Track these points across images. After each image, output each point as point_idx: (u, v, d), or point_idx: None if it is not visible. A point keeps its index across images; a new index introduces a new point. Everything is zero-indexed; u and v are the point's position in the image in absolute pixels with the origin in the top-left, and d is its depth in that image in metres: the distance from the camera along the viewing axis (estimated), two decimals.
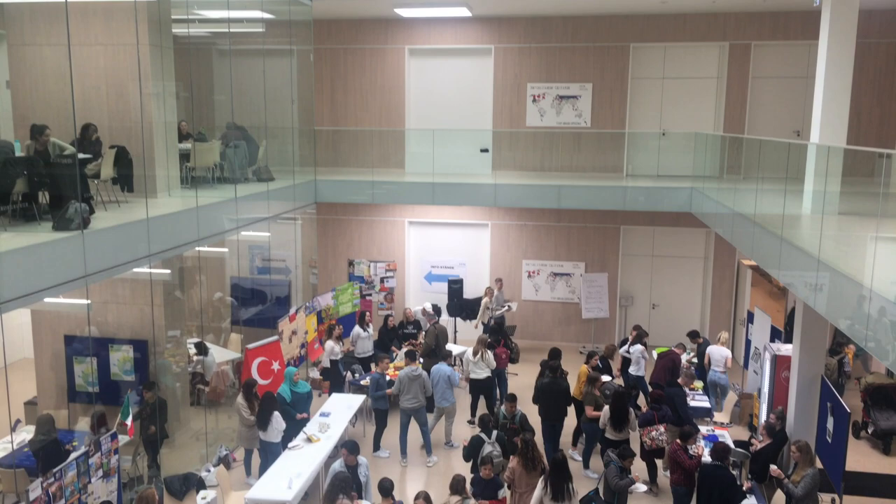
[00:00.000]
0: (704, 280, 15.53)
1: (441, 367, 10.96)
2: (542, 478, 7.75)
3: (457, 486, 7.27)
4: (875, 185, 6.54)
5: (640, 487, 7.90)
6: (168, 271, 10.78)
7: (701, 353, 12.00)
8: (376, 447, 10.95)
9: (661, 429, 9.29)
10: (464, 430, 11.49)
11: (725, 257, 15.16)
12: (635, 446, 9.68)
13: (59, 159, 7.73)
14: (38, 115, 8.36)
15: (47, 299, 7.16)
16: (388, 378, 12.11)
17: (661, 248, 15.60)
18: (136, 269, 8.71)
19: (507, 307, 14.80)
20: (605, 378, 10.78)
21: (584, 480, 10.07)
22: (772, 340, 10.81)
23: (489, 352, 11.59)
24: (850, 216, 8.06)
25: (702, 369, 11.98)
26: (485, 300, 14.35)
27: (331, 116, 16.02)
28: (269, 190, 11.56)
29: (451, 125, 15.33)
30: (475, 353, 11.54)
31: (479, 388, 11.70)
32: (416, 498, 7.13)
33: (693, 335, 12.37)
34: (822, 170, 8.07)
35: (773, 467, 8.16)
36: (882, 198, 6.04)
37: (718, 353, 11.74)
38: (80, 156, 7.90)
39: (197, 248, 10.47)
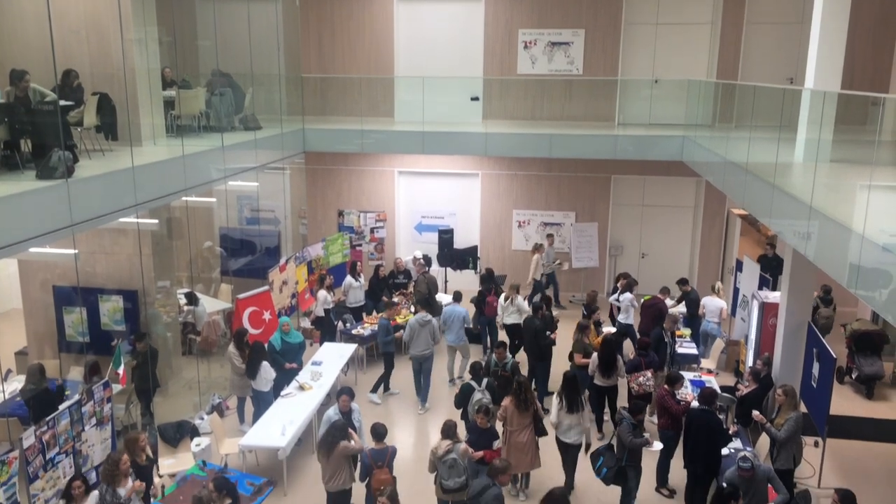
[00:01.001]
0: (694, 229, 15.57)
1: (455, 308, 11.23)
2: (556, 394, 8.49)
3: (447, 430, 7.36)
4: (867, 132, 6.52)
5: (657, 445, 8.02)
6: (156, 221, 10.67)
7: (690, 301, 12.09)
8: (386, 388, 11.24)
9: (648, 374, 9.42)
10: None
11: (715, 206, 15.17)
12: (623, 392, 9.86)
13: (41, 106, 7.55)
14: (17, 61, 8.11)
15: (34, 249, 7.09)
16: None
17: (651, 198, 15.58)
18: (123, 219, 8.63)
19: (557, 262, 14.65)
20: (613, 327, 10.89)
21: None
22: (759, 288, 10.90)
23: (519, 296, 11.83)
24: (842, 163, 8.04)
25: (690, 318, 12.10)
26: (535, 257, 14.24)
27: (318, 63, 15.70)
28: (257, 139, 11.39)
29: (440, 73, 15.06)
30: (506, 299, 11.80)
31: (511, 333, 11.83)
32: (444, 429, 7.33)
33: (682, 282, 12.45)
34: (815, 117, 8.00)
35: (755, 413, 8.30)
36: (876, 145, 5.99)
37: (713, 303, 11.84)
38: (62, 103, 7.72)
39: (184, 198, 10.37)
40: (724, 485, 6.77)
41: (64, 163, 6.84)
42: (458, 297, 11.50)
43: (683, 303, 12.38)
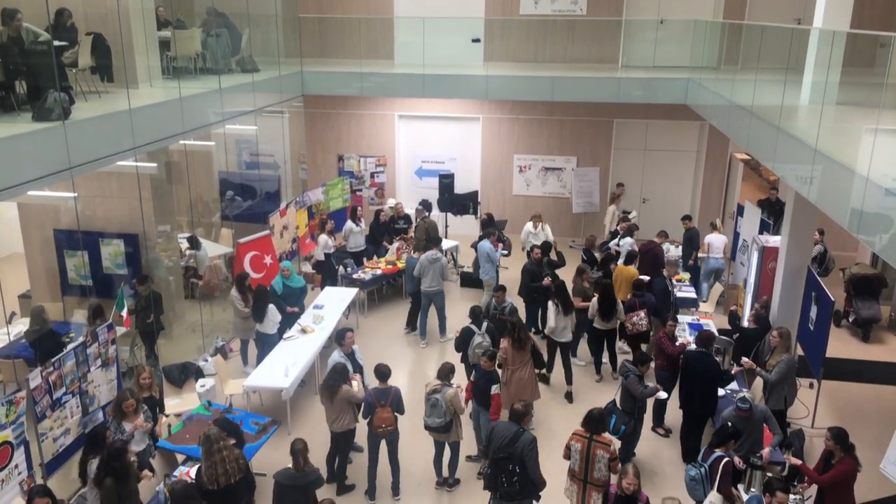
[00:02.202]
0: (696, 174, 15.48)
1: (484, 244, 11.53)
2: (594, 299, 9.69)
3: (441, 372, 7.48)
4: (874, 75, 6.41)
5: (662, 395, 8.13)
6: (154, 165, 10.61)
7: (689, 238, 12.12)
8: (412, 327, 11.60)
9: (642, 314, 9.56)
10: None
11: (718, 151, 15.05)
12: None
13: (34, 46, 7.40)
14: None
15: (32, 192, 7.06)
16: (380, 272, 12.35)
17: (653, 142, 15.44)
18: (121, 163, 8.57)
19: (632, 212, 14.44)
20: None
21: (573, 368, 10.38)
22: (760, 233, 10.89)
23: (547, 225, 12.15)
24: (848, 106, 7.93)
25: (687, 257, 12.17)
26: (611, 207, 14.08)
27: (316, 3, 15.36)
28: (254, 81, 11.21)
29: (441, 13, 14.72)
30: (535, 226, 12.29)
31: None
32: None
33: (686, 218, 12.48)
34: (822, 58, 7.86)
35: (744, 360, 8.38)
36: (884, 88, 5.90)
37: (718, 240, 12.02)
38: (56, 43, 7.56)
39: (182, 142, 10.28)
40: (729, 423, 6.87)
41: (60, 104, 6.75)
42: (487, 233, 11.86)
43: (680, 246, 12.47)
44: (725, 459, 6.26)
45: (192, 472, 6.76)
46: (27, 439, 6.47)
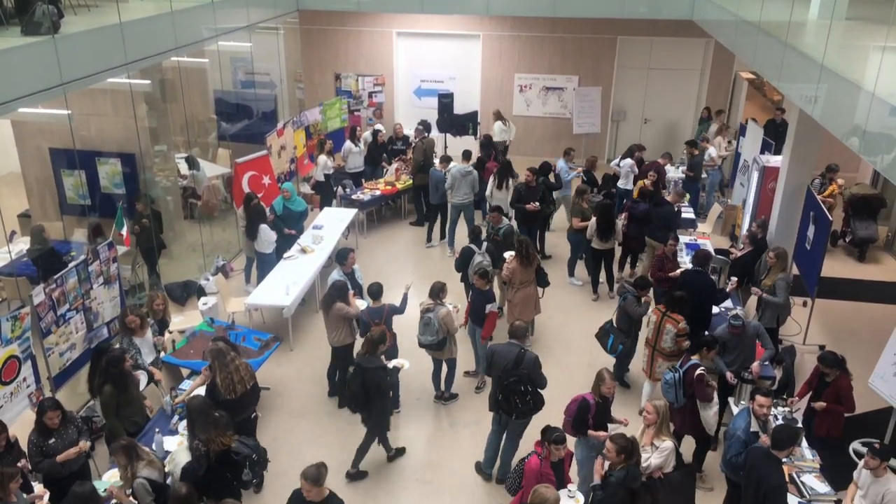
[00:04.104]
0: (699, 94, 15.22)
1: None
2: (592, 220, 9.65)
3: (432, 291, 7.56)
4: None
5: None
6: (148, 82, 10.41)
7: (696, 164, 12.03)
8: (429, 239, 12.00)
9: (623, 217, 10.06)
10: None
11: (722, 69, 14.77)
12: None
13: None
14: None
15: (24, 109, 6.97)
16: (379, 193, 12.32)
17: (657, 61, 15.12)
18: (114, 80, 8.42)
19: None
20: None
21: (569, 288, 10.52)
22: (761, 153, 10.81)
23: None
24: (858, 21, 7.73)
25: (690, 181, 12.11)
26: (718, 139, 13.48)
27: None
28: None
29: None
30: (504, 123, 12.72)
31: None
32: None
33: (691, 144, 12.36)
34: None
35: (733, 279, 8.44)
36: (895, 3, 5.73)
37: (713, 151, 12.39)
38: None
39: (175, 58, 10.06)
40: (706, 333, 7.05)
41: (49, 17, 6.58)
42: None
43: (681, 168, 12.41)
44: (700, 368, 6.42)
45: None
46: (34, 354, 6.61)
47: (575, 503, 5.42)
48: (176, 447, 5.99)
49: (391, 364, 6.89)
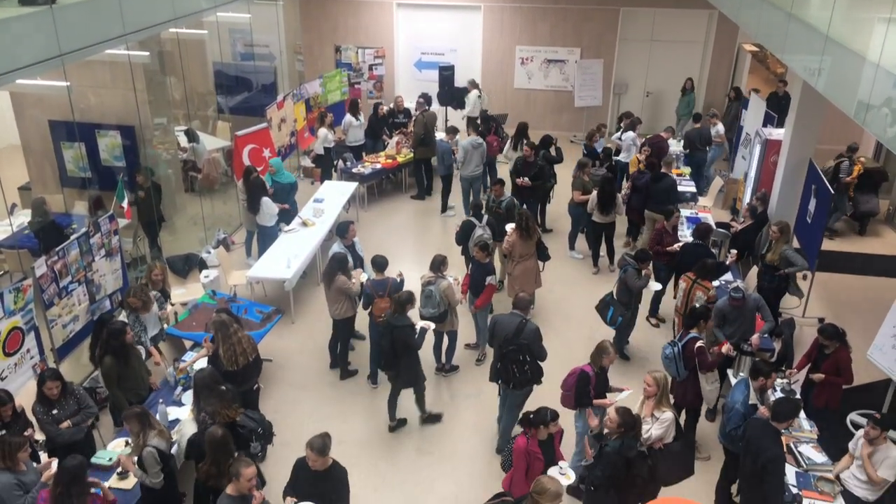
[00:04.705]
0: (702, 66, 15.09)
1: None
2: (593, 193, 9.67)
3: (433, 264, 7.58)
4: None
5: (656, 286, 8.23)
6: (147, 54, 10.33)
7: (704, 138, 12.00)
8: (444, 209, 12.06)
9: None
10: None
11: (725, 41, 14.63)
12: (621, 229, 10.07)
13: None
14: None
15: (24, 81, 6.93)
16: (380, 166, 12.29)
17: (660, 32, 14.97)
18: (113, 51, 8.35)
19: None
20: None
21: (569, 261, 10.54)
22: (764, 125, 10.76)
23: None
24: None
25: (692, 155, 12.09)
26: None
27: None
28: None
29: None
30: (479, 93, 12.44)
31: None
32: None
33: (695, 118, 12.36)
34: None
35: (732, 252, 8.45)
36: None
37: (721, 127, 12.34)
38: None
39: (174, 30, 9.97)
40: (696, 305, 7.08)
41: None
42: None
43: (682, 141, 12.37)
44: (699, 341, 6.46)
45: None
46: (37, 326, 6.64)
47: (566, 479, 5.48)
48: (186, 417, 6.06)
49: (418, 326, 7.02)
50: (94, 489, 4.96)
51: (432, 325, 7.34)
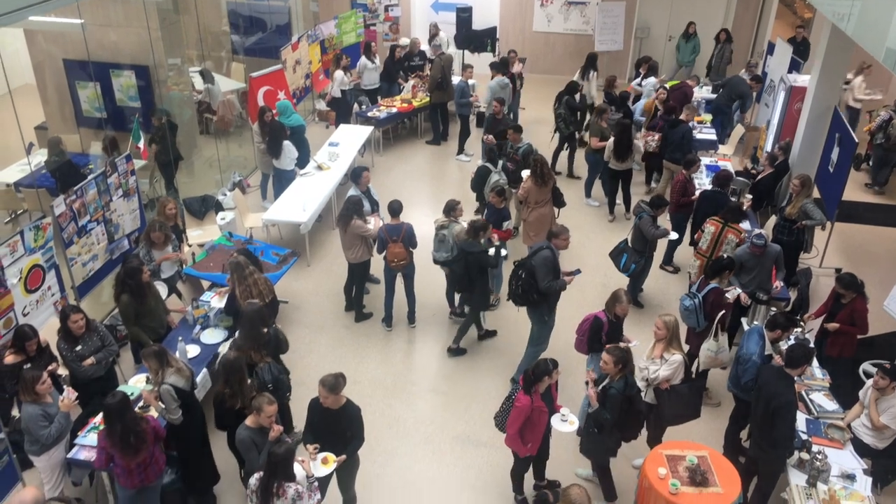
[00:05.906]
0: (727, 10, 14.67)
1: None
2: (610, 140, 9.62)
3: (446, 208, 7.59)
4: None
5: (673, 235, 8.19)
6: None
7: (732, 87, 11.67)
8: (460, 150, 12.01)
9: (656, 136, 9.90)
10: None
11: None
12: (639, 176, 9.94)
13: None
14: None
15: (37, 18, 6.85)
16: (395, 110, 12.14)
17: None
18: None
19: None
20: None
21: (585, 208, 10.48)
22: (788, 72, 10.50)
23: None
24: None
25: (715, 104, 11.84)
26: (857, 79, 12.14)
27: None
28: None
29: None
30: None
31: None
32: None
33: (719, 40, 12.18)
34: None
35: (747, 196, 8.36)
36: None
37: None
38: None
39: None
40: (724, 256, 7.03)
41: None
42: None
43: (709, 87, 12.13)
44: (718, 290, 6.44)
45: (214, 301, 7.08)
46: (57, 263, 6.73)
47: (569, 425, 5.53)
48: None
49: (491, 250, 7.24)
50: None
51: (504, 251, 7.64)
